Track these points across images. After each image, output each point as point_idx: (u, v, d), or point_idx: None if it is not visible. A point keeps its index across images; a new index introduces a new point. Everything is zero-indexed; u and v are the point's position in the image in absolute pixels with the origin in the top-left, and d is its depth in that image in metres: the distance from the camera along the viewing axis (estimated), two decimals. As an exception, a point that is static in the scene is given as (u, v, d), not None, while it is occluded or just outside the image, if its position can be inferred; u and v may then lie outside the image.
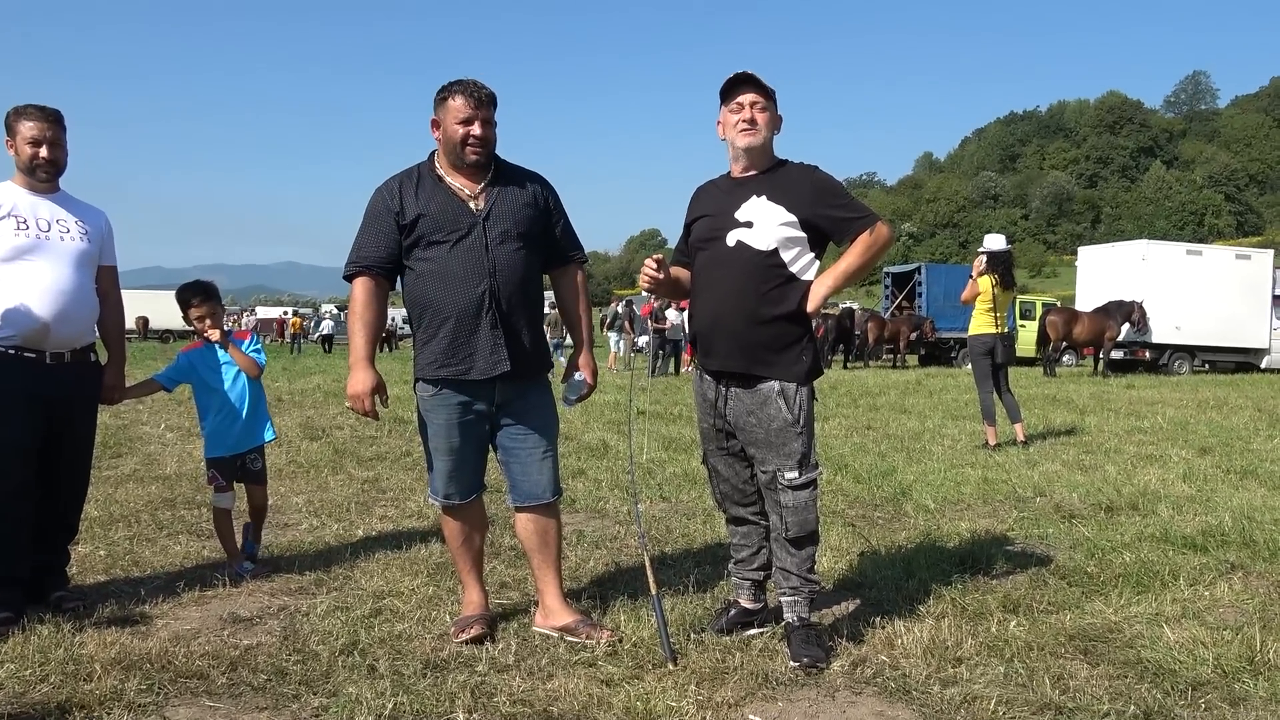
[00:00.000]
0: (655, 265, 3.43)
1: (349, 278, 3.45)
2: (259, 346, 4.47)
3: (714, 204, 3.45)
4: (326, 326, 39.61)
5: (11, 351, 3.58)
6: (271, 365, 22.67)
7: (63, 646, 3.24)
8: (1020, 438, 8.54)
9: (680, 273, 3.58)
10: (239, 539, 4.42)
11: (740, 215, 3.32)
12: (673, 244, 3.89)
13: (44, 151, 3.69)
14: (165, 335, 47.44)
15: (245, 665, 3.16)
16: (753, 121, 3.31)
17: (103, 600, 3.82)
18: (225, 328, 4.37)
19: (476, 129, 3.32)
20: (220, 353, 4.32)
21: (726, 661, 3.16)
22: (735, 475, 3.47)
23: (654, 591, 3.33)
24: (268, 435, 4.47)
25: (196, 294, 4.33)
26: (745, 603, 3.55)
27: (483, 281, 3.31)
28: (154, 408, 11.04)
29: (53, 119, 3.74)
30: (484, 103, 3.33)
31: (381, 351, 27.21)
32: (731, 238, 3.32)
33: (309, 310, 64.57)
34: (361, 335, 3.40)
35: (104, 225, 3.96)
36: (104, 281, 3.97)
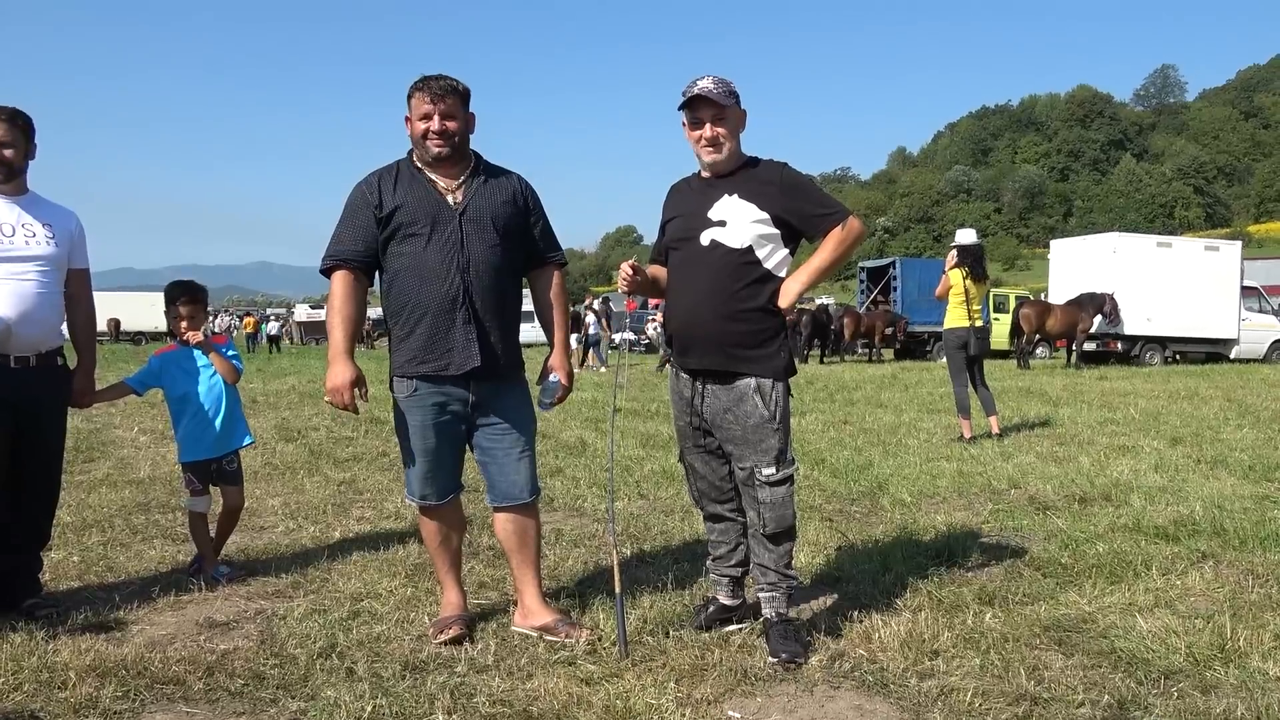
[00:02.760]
0: (632, 270, 3.45)
1: (325, 271, 3.43)
2: (236, 352, 4.42)
3: (687, 204, 3.46)
4: (273, 328, 39.98)
5: None
6: (246, 366, 22.33)
7: (36, 654, 3.20)
8: (995, 430, 8.62)
9: (658, 272, 3.59)
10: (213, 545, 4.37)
11: (713, 214, 3.33)
12: (648, 240, 3.92)
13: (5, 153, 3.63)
14: (138, 337, 46.92)
15: (222, 670, 3.14)
16: (715, 141, 3.32)
17: (76, 607, 3.78)
18: (205, 332, 4.33)
19: (435, 123, 3.32)
20: (198, 356, 4.27)
21: (705, 658, 3.17)
22: (712, 473, 3.48)
23: (617, 590, 3.33)
24: (245, 440, 4.43)
25: (185, 294, 4.30)
26: (724, 599, 3.57)
27: (457, 276, 3.31)
28: (126, 411, 10.92)
29: (5, 118, 3.65)
30: (442, 96, 3.32)
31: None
32: (705, 237, 3.33)
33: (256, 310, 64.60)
34: (340, 329, 3.38)
35: (74, 227, 3.89)
36: (74, 285, 3.91)
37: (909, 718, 2.79)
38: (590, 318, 22.51)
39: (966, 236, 9.13)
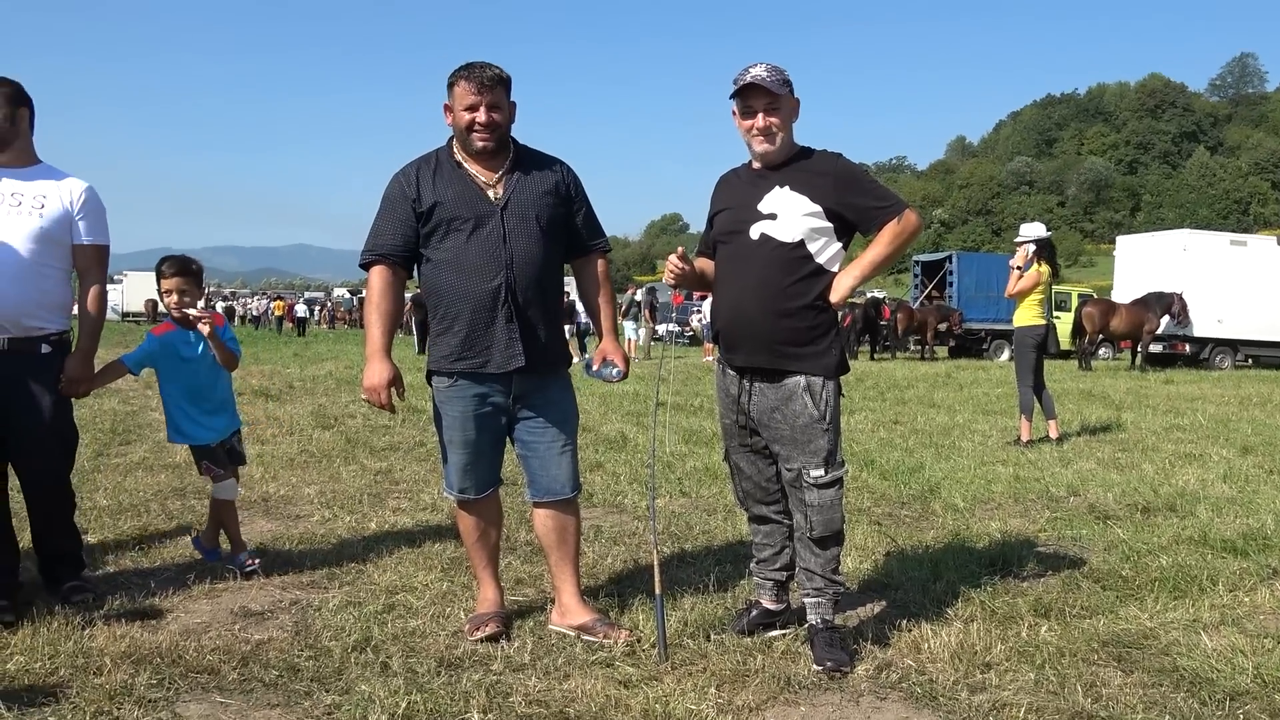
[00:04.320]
0: (679, 259, 3.34)
1: (365, 266, 3.40)
2: (233, 335, 4.17)
3: (736, 196, 3.35)
4: (300, 310, 41.34)
5: None
6: (281, 352, 22.72)
7: (72, 639, 3.20)
8: (1054, 435, 8.36)
9: (705, 264, 3.50)
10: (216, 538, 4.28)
11: (763, 207, 3.22)
12: (695, 229, 3.83)
13: None
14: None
15: (256, 660, 3.12)
16: (767, 131, 3.21)
17: (113, 592, 3.78)
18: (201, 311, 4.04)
19: (481, 115, 3.25)
20: (195, 338, 4.00)
21: (748, 664, 3.07)
22: (758, 473, 3.38)
23: (658, 592, 3.24)
24: (238, 422, 4.27)
25: (169, 266, 3.98)
26: (767, 603, 3.46)
27: (499, 274, 3.25)
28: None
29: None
30: (489, 86, 3.25)
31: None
32: (755, 230, 3.22)
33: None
34: (378, 326, 3.33)
35: (76, 198, 3.65)
36: (80, 260, 3.70)
37: (958, 735, 2.67)
38: (580, 306, 22.39)
39: (1037, 230, 8.78)
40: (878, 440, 8.40)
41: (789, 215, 3.18)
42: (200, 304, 4.11)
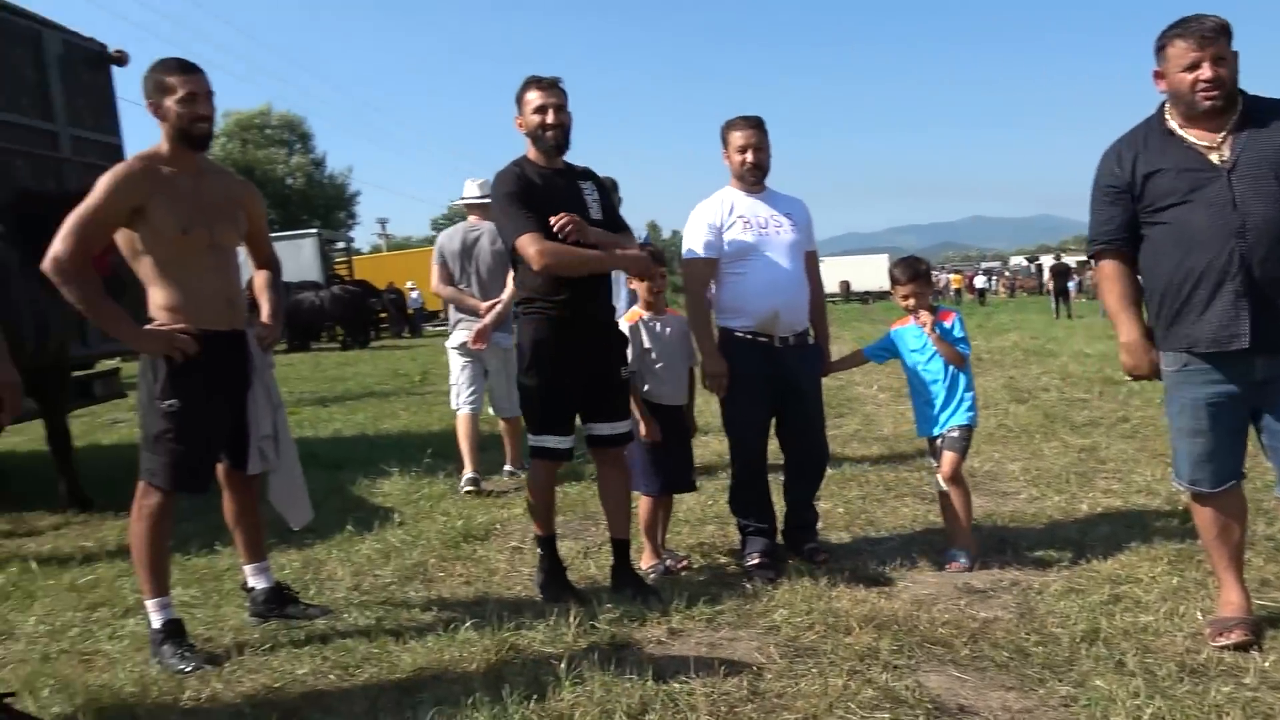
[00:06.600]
0: None
1: (1092, 257, 3.37)
2: (964, 334, 4.19)
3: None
4: (980, 281, 40.05)
5: (748, 337, 4.13)
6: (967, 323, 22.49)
7: (822, 599, 3.62)
8: None
9: None
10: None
11: None
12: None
13: (750, 157, 4.15)
14: (865, 296, 51.44)
15: (985, 639, 3.22)
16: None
17: (846, 557, 4.19)
18: (932, 307, 4.19)
19: (1206, 71, 2.94)
20: (921, 334, 4.19)
21: None
22: None
23: None
24: (958, 419, 4.16)
25: (901, 272, 4.28)
26: None
27: (1228, 242, 2.93)
28: (865, 368, 11.86)
29: (756, 124, 4.17)
30: (1210, 39, 2.96)
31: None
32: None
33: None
34: (1124, 311, 3.26)
35: (807, 215, 4.30)
36: (808, 264, 4.30)
37: None
38: None
39: None
40: None
41: None
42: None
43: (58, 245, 3.15)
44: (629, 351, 4.00)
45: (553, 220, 3.54)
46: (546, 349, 3.72)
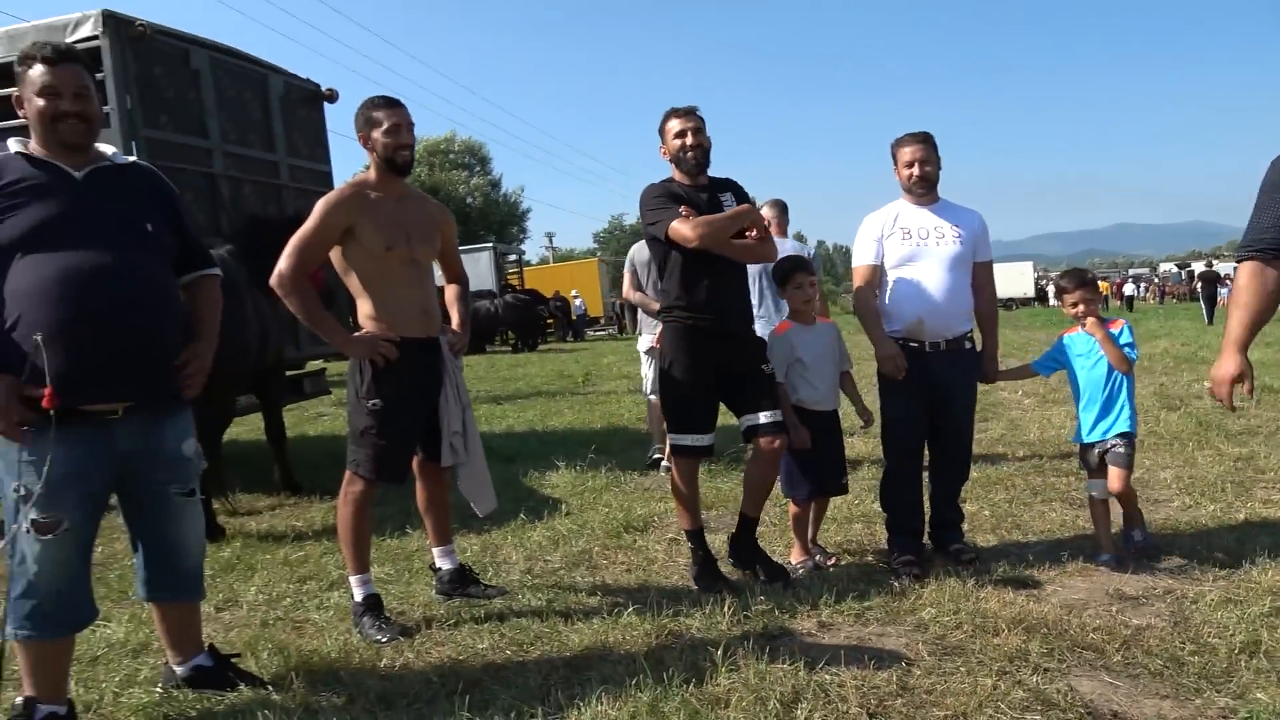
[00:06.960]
0: None
1: (1240, 260, 3.30)
2: (1130, 340, 4.22)
3: None
4: (1129, 289, 38.13)
5: (899, 341, 4.27)
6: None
7: (970, 599, 3.72)
8: None
9: None
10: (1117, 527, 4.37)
11: None
12: None
13: (916, 171, 4.28)
14: (1008, 304, 50.21)
15: (1138, 646, 3.25)
16: None
17: (995, 559, 4.25)
18: (1100, 314, 4.31)
19: None
20: (1088, 340, 4.28)
21: None
22: None
23: None
24: (1120, 426, 4.19)
25: (1068, 281, 4.38)
26: None
27: None
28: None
29: (923, 139, 4.32)
30: None
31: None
32: None
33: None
34: (1237, 319, 3.19)
35: (979, 226, 4.40)
36: (980, 275, 4.41)
37: None
38: None
39: None
40: None
41: None
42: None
43: (283, 263, 3.57)
44: (777, 359, 4.21)
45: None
46: (684, 354, 4.02)
